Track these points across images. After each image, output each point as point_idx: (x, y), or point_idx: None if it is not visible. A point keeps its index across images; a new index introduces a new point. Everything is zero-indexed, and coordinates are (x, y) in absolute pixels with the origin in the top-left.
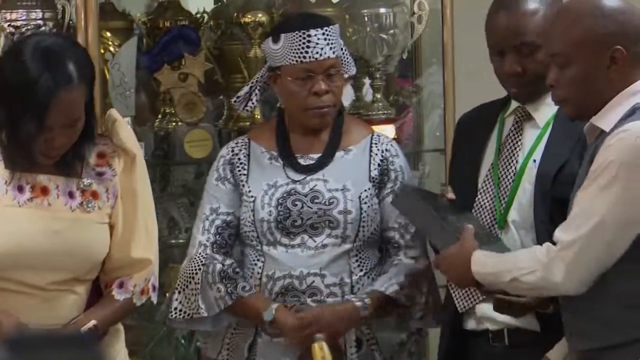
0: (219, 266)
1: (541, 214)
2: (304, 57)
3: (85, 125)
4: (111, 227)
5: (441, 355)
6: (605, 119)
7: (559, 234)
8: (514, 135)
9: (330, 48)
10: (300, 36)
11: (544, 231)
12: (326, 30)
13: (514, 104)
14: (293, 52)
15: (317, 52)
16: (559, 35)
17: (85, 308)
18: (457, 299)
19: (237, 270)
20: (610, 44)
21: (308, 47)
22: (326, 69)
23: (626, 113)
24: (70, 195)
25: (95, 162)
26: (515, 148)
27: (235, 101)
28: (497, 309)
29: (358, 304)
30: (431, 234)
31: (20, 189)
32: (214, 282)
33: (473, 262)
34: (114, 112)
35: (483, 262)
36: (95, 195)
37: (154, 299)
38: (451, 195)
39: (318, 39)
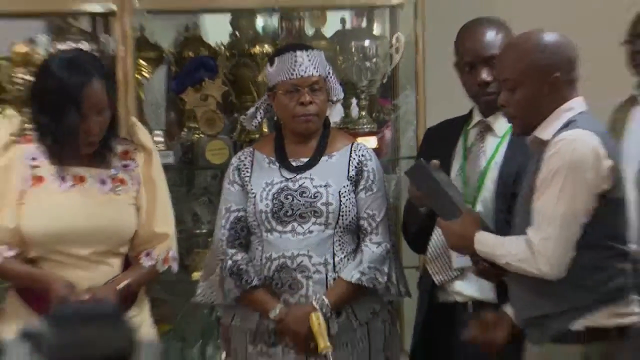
0: (229, 262)
1: (500, 205)
2: (292, 74)
3: (110, 123)
4: (137, 209)
5: (419, 322)
6: (545, 131)
7: (532, 235)
8: (477, 143)
9: (314, 67)
10: (289, 57)
11: (502, 219)
12: (310, 52)
13: (476, 118)
14: (284, 71)
15: (302, 70)
16: (509, 64)
17: None
18: (434, 275)
19: (242, 266)
20: (550, 72)
21: (295, 65)
22: (310, 84)
23: (562, 125)
24: (103, 182)
25: (121, 157)
26: (479, 153)
27: (243, 119)
28: (478, 274)
29: (317, 305)
30: (437, 204)
31: (63, 179)
32: (225, 276)
33: (476, 241)
34: (134, 119)
35: (483, 242)
36: (122, 181)
37: (175, 268)
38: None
39: (303, 59)
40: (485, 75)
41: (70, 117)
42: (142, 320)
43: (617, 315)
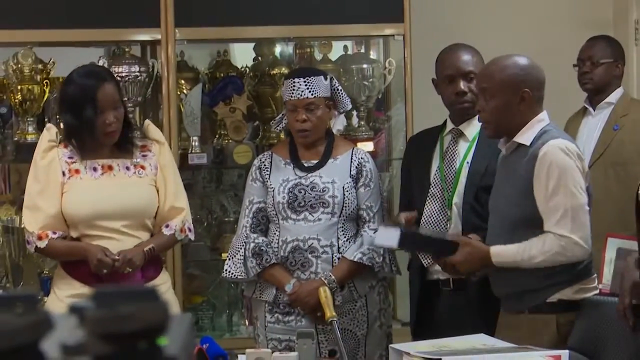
0: (251, 245)
1: (469, 197)
2: (291, 96)
3: (124, 120)
4: (157, 190)
5: (414, 297)
6: (524, 137)
7: (559, 229)
8: (452, 147)
9: (309, 91)
10: (289, 82)
11: (468, 209)
12: (307, 79)
13: (449, 127)
14: (286, 93)
15: (298, 94)
16: (489, 76)
17: None
18: (423, 259)
19: (262, 248)
20: (521, 87)
21: (293, 90)
22: (305, 105)
23: (538, 133)
24: (127, 168)
25: (140, 150)
26: (454, 155)
27: (272, 123)
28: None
29: (325, 280)
30: (434, 250)
31: (94, 169)
32: (249, 256)
33: (494, 256)
34: (147, 121)
35: (503, 255)
36: (143, 167)
37: (192, 237)
38: (407, 214)
39: (300, 84)
40: (462, 86)
41: (88, 113)
42: (167, 289)
43: (583, 290)
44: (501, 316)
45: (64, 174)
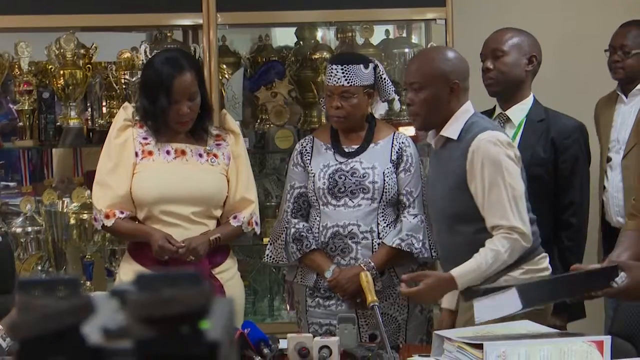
0: (292, 230)
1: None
2: (329, 82)
3: (203, 107)
4: (228, 180)
5: None
6: (450, 130)
7: (505, 223)
8: None
9: (346, 79)
10: (329, 68)
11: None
12: (344, 67)
13: (497, 111)
14: (326, 78)
15: (335, 80)
16: (416, 69)
17: None
18: None
19: (303, 233)
20: (450, 79)
21: (330, 75)
22: (340, 92)
23: (465, 125)
24: (200, 155)
25: (215, 139)
26: None
27: (321, 101)
28: None
29: (364, 267)
30: (588, 286)
31: (167, 153)
32: (289, 241)
33: (457, 279)
34: (225, 111)
35: (463, 275)
36: (216, 156)
37: (257, 231)
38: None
39: (337, 71)
40: (488, 64)
41: (162, 102)
42: (233, 274)
43: (531, 271)
44: (459, 304)
45: (137, 154)
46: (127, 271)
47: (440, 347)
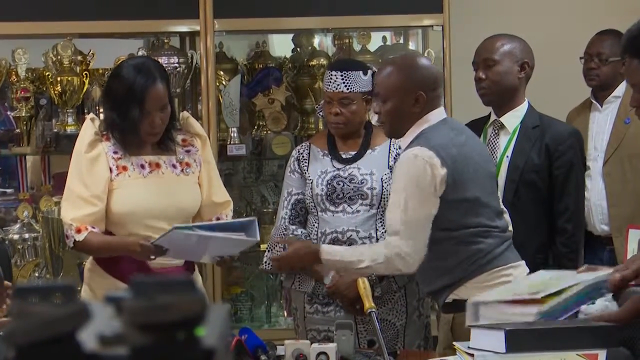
0: (290, 236)
1: (509, 194)
2: (328, 88)
3: (170, 117)
4: (200, 186)
5: None
6: (404, 142)
7: (392, 240)
8: (493, 140)
9: (345, 85)
10: (328, 74)
11: (508, 206)
12: (345, 73)
13: (492, 118)
14: (325, 84)
15: (334, 87)
16: (381, 80)
17: None
18: None
19: (301, 239)
20: (415, 89)
21: (330, 82)
22: (339, 99)
23: (415, 137)
24: (174, 166)
25: (182, 145)
26: (495, 149)
27: (316, 107)
28: None
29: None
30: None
31: (142, 167)
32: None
33: (323, 252)
34: (186, 113)
35: (332, 252)
36: (188, 164)
37: None
38: None
39: (337, 77)
40: (480, 74)
41: (133, 114)
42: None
43: (483, 287)
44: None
45: (111, 170)
46: (97, 280)
47: (476, 314)
